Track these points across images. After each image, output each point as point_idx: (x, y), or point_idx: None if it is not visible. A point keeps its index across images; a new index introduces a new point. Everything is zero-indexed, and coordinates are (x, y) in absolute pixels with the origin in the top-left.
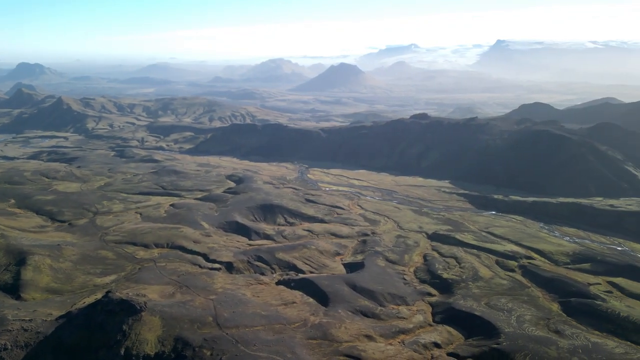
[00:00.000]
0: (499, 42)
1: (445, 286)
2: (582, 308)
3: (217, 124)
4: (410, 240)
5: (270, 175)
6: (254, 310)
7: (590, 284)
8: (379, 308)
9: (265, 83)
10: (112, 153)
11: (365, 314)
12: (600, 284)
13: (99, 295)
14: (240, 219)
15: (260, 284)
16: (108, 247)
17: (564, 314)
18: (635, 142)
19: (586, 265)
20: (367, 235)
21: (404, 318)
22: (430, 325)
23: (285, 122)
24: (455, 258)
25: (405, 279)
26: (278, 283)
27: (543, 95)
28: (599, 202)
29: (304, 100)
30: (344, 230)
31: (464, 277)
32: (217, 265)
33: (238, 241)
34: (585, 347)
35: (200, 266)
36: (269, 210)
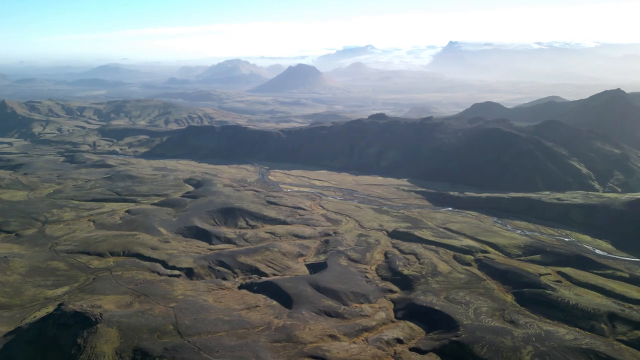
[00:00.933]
0: (451, 43)
1: (406, 282)
2: (534, 298)
3: (173, 126)
4: (371, 238)
5: (230, 178)
6: (216, 316)
7: (541, 275)
8: (343, 307)
9: (223, 84)
10: (62, 159)
11: (329, 314)
12: (550, 274)
13: (51, 309)
14: (200, 223)
15: (222, 289)
16: (59, 257)
17: (517, 304)
18: (579, 138)
19: (537, 257)
20: (329, 235)
21: (367, 316)
22: (393, 322)
23: (245, 123)
24: (415, 254)
25: (367, 277)
26: (241, 287)
27: (494, 94)
28: (546, 196)
29: (263, 101)
30: (307, 231)
31: (423, 272)
32: (176, 272)
33: (198, 246)
34: (538, 335)
35: (159, 273)
36: (229, 214)
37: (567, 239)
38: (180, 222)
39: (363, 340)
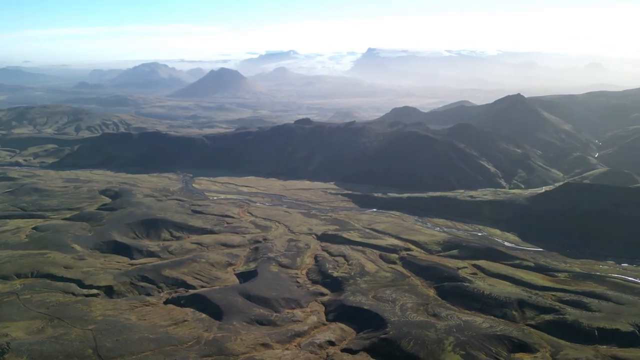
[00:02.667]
0: (370, 50)
1: (336, 284)
2: (453, 291)
3: (85, 134)
4: (301, 243)
5: (151, 188)
6: (140, 335)
7: (459, 268)
8: (275, 314)
9: (140, 89)
10: None
11: (261, 322)
12: (466, 267)
13: None
14: (119, 237)
15: (147, 305)
16: None
17: (439, 298)
18: (486, 140)
19: (454, 252)
20: (259, 242)
21: (299, 321)
22: (324, 325)
23: (165, 129)
24: (344, 256)
25: (298, 282)
26: (167, 302)
27: (411, 99)
28: (461, 194)
29: (185, 106)
30: (235, 239)
31: (352, 273)
32: (94, 291)
33: (118, 262)
34: (458, 326)
35: (74, 294)
36: (152, 226)
37: (480, 234)
38: (96, 237)
39: (296, 346)
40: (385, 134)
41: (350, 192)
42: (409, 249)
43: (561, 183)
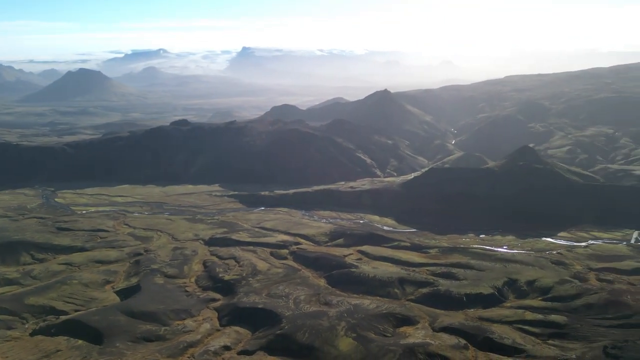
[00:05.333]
0: (244, 49)
1: (228, 288)
2: (342, 278)
3: None
4: (187, 250)
5: (3, 207)
6: None
7: (345, 256)
8: (164, 328)
9: None
10: None
11: (149, 339)
12: (352, 254)
13: None
14: None
15: (9, 340)
16: None
17: (330, 286)
18: (361, 133)
19: (340, 241)
20: (140, 254)
21: (191, 331)
22: (219, 330)
23: (16, 140)
24: (234, 258)
25: (187, 291)
26: (33, 333)
27: (289, 97)
28: (342, 185)
29: (39, 112)
30: (112, 254)
31: (244, 274)
32: None
33: None
34: (348, 310)
35: None
36: (7, 250)
37: (362, 221)
38: None
39: (189, 357)
40: (267, 132)
41: (236, 192)
42: (298, 243)
43: (426, 169)
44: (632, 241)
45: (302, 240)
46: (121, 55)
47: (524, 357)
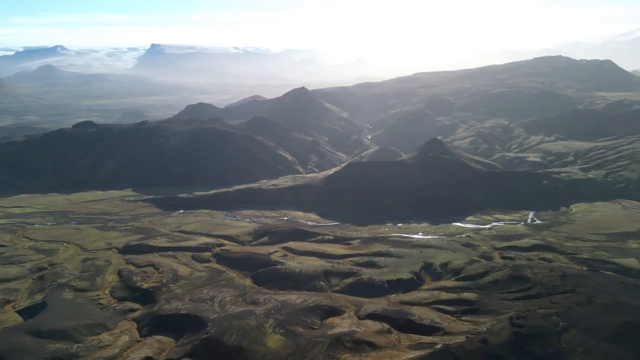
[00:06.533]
0: (153, 46)
1: (147, 296)
2: (268, 275)
3: None
4: (99, 260)
5: None
6: None
7: (270, 254)
8: (76, 346)
9: None
10: None
11: (60, 358)
12: (277, 251)
13: None
14: None
15: None
16: None
17: (256, 285)
18: (281, 131)
19: (265, 239)
20: (44, 269)
21: (108, 345)
22: (139, 342)
23: None
24: (153, 265)
25: (101, 304)
26: None
27: (205, 95)
28: (265, 183)
29: None
30: (11, 271)
31: (164, 281)
32: None
33: None
34: (276, 307)
35: None
36: None
37: (285, 218)
38: None
39: None
40: (183, 132)
41: (152, 196)
42: (221, 245)
43: (346, 164)
44: (529, 221)
45: (225, 242)
46: (11, 53)
47: (441, 334)
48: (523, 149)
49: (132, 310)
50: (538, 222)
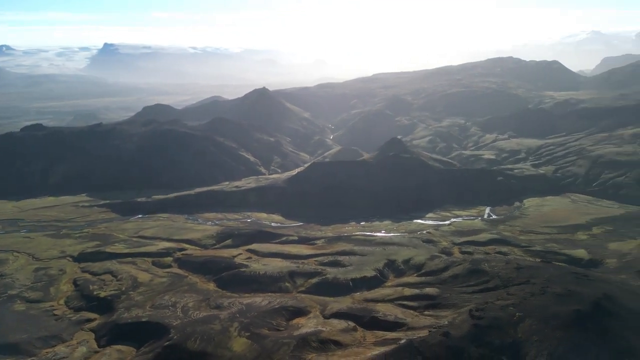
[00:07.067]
0: (107, 45)
1: (105, 305)
2: (232, 279)
3: None
4: (53, 269)
5: None
6: None
7: (234, 257)
8: (30, 359)
9: None
10: None
11: None
12: (241, 253)
13: None
14: None
15: None
16: None
17: (220, 289)
18: (243, 132)
19: (228, 242)
20: None
21: (64, 357)
22: (97, 352)
23: None
24: (111, 272)
25: (56, 315)
26: None
27: (163, 96)
28: (227, 186)
29: None
30: None
31: (123, 289)
32: None
33: None
34: (240, 310)
35: None
36: None
37: (249, 220)
38: None
39: None
40: (140, 134)
41: (108, 201)
42: (183, 249)
43: (309, 164)
44: (485, 216)
45: (187, 246)
46: None
47: (405, 330)
48: (479, 147)
49: (90, 320)
50: (494, 217)
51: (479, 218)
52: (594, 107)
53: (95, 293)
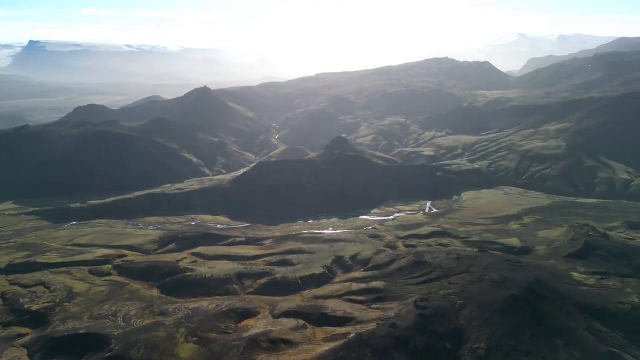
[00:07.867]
0: (32, 42)
1: (38, 319)
2: (177, 284)
3: None
4: None
5: None
6: None
7: (178, 261)
8: None
9: None
10: None
11: None
12: (186, 257)
13: None
14: None
15: None
16: None
17: (164, 295)
18: (184, 132)
19: (172, 246)
20: None
21: None
22: None
23: None
24: (43, 284)
25: None
26: None
27: (96, 97)
28: (169, 188)
29: None
30: None
31: (58, 300)
32: None
33: None
34: (187, 315)
35: None
36: None
37: (193, 222)
38: None
39: None
40: (72, 136)
41: (37, 208)
42: (123, 256)
43: (254, 164)
44: (427, 210)
45: (127, 252)
46: None
47: (354, 324)
48: (419, 144)
49: (21, 336)
50: (435, 211)
51: (421, 212)
52: (522, 105)
53: (26, 306)
